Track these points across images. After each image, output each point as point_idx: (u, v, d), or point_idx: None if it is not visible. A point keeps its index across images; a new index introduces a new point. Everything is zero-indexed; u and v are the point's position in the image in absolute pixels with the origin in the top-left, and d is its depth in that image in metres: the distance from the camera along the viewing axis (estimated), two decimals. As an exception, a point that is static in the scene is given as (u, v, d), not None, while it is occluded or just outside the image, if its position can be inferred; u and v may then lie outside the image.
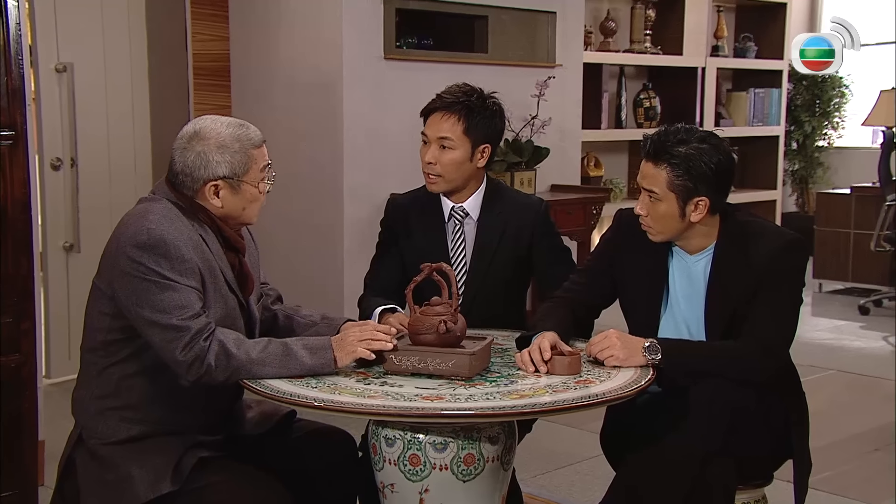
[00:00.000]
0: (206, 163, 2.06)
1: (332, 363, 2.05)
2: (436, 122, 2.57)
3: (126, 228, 2.03)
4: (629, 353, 2.16)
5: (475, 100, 2.57)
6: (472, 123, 2.55)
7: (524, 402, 1.91)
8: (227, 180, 2.08)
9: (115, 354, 2.08)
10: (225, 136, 2.08)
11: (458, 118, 2.55)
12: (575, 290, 2.42)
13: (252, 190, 2.11)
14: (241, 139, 2.09)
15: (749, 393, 2.16)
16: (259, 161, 2.11)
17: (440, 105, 2.57)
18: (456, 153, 2.56)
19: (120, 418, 2.07)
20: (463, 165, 2.58)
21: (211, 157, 2.06)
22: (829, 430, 3.83)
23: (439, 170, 2.58)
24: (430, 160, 2.58)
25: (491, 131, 2.60)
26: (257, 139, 2.12)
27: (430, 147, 2.58)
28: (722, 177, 2.23)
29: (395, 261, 2.67)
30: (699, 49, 6.43)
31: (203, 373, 1.98)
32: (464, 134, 2.55)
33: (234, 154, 2.07)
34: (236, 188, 2.09)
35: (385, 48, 4.31)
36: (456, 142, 2.55)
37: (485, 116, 2.57)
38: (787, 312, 2.24)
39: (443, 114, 2.56)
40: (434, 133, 2.57)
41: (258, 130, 2.14)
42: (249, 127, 2.13)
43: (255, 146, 2.11)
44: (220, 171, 2.07)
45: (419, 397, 1.93)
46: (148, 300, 1.97)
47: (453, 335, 2.09)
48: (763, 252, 2.23)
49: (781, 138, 7.18)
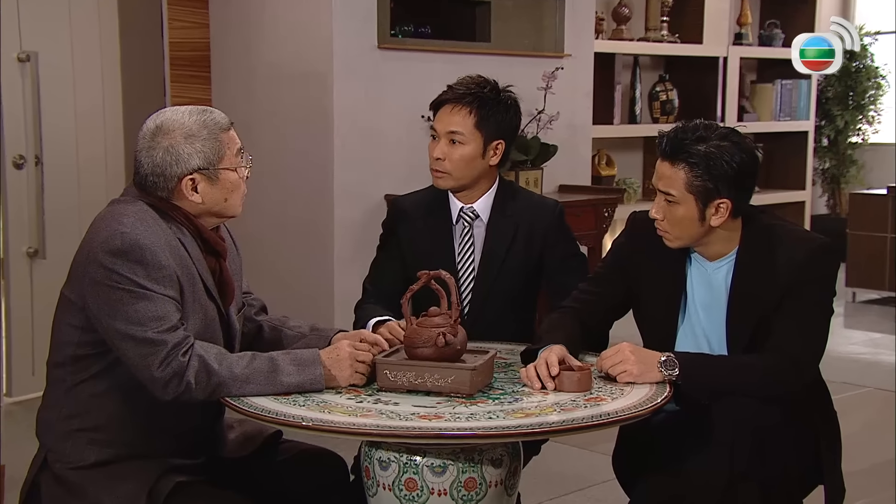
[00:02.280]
0: (176, 158, 2.07)
1: (322, 379, 2.06)
2: (446, 114, 2.60)
3: (97, 233, 2.04)
4: (644, 368, 2.17)
5: (488, 92, 2.59)
6: (485, 116, 2.57)
7: (530, 422, 1.92)
8: (204, 172, 2.09)
9: (84, 371, 2.08)
10: (190, 125, 2.09)
11: (469, 111, 2.57)
12: (585, 300, 2.43)
13: (231, 176, 2.11)
14: (207, 125, 2.10)
15: (775, 413, 2.17)
16: (231, 145, 2.12)
17: (451, 97, 2.60)
18: (466, 148, 2.58)
19: (89, 440, 2.08)
20: (473, 162, 2.60)
21: (181, 150, 2.07)
22: (864, 454, 3.84)
23: (448, 166, 2.60)
24: (438, 155, 2.60)
25: (505, 126, 2.61)
26: (224, 122, 2.13)
27: (439, 142, 2.61)
28: (745, 177, 2.24)
29: (396, 264, 2.69)
30: (721, 37, 6.45)
31: (182, 391, 1.99)
32: (475, 128, 2.57)
33: (205, 142, 2.08)
34: (214, 178, 2.10)
35: (379, 37, 4.33)
36: (467, 136, 2.57)
37: (498, 110, 2.59)
38: (817, 324, 2.25)
39: (453, 106, 2.58)
40: (444, 127, 2.59)
41: (223, 113, 2.15)
42: (213, 111, 2.14)
43: (224, 129, 2.12)
44: (194, 162, 2.08)
45: (416, 416, 1.94)
46: (121, 311, 1.98)
47: (453, 349, 2.10)
48: (790, 258, 2.24)
49: (811, 134, 7.20)
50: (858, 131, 7.92)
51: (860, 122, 7.89)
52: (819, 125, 7.63)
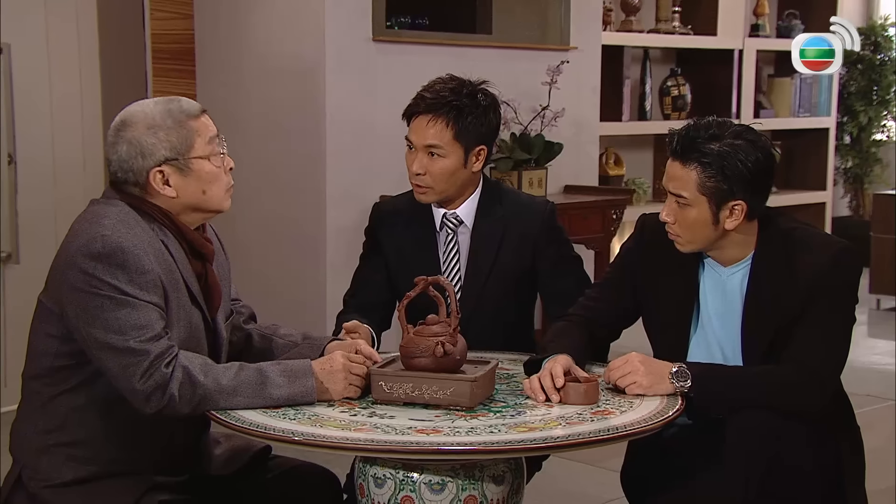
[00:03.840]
0: (140, 150, 2.08)
1: (314, 392, 2.07)
2: (420, 127, 2.57)
3: (77, 236, 2.04)
4: (654, 379, 2.18)
5: (465, 98, 2.55)
6: (463, 127, 2.54)
7: (534, 436, 1.93)
8: (172, 162, 2.09)
9: (63, 382, 2.09)
10: (154, 114, 2.09)
11: (446, 122, 2.54)
12: (591, 308, 2.44)
13: (205, 166, 2.11)
14: (173, 113, 2.10)
15: (794, 427, 2.18)
16: (203, 132, 2.12)
17: (424, 108, 2.56)
18: (447, 161, 2.56)
19: (67, 456, 2.08)
20: (456, 174, 2.58)
21: (144, 141, 2.08)
22: (889, 471, 3.84)
23: (429, 180, 2.58)
24: (417, 170, 2.58)
25: (485, 130, 2.59)
26: (193, 109, 2.13)
27: (416, 154, 2.58)
28: (760, 177, 2.25)
29: (378, 275, 2.69)
30: (736, 28, 6.47)
31: (165, 404, 1.99)
32: (454, 139, 2.55)
33: (170, 130, 2.09)
34: (185, 169, 2.10)
35: (374, 28, 4.34)
36: (446, 149, 2.55)
37: (477, 115, 2.56)
38: (838, 333, 2.26)
39: (428, 118, 2.55)
40: (420, 140, 2.57)
41: (194, 102, 2.15)
42: (181, 99, 2.14)
43: (192, 117, 2.12)
44: (160, 153, 2.08)
45: (413, 430, 1.94)
46: (101, 319, 1.99)
47: (452, 359, 2.11)
48: (809, 263, 2.25)
49: (832, 131, 7.21)
50: (883, 128, 7.93)
51: (884, 118, 7.89)
52: (841, 121, 7.64)
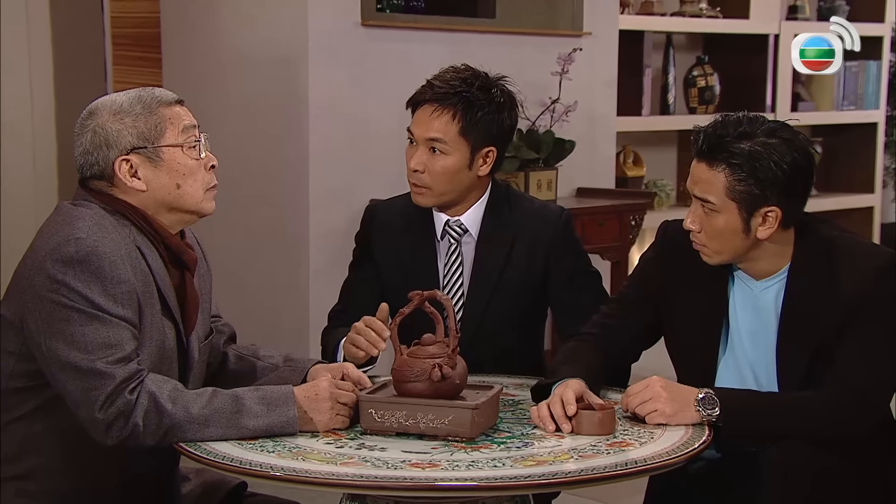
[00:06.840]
0: (105, 138, 2.10)
1: (296, 422, 2.07)
2: (424, 118, 2.58)
3: (47, 239, 2.05)
4: (678, 406, 2.18)
5: (477, 90, 2.57)
6: (472, 122, 2.56)
7: (542, 471, 1.93)
8: (140, 151, 2.11)
9: (17, 407, 2.10)
10: (122, 102, 2.13)
11: (452, 115, 2.56)
12: (607, 326, 2.45)
13: (178, 156, 2.13)
14: (143, 100, 2.13)
15: (837, 454, 2.19)
16: (176, 120, 2.14)
17: (430, 96, 2.58)
18: (449, 159, 2.58)
19: (17, 491, 2.09)
20: (458, 175, 2.60)
21: (109, 128, 2.10)
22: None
23: (427, 179, 2.59)
24: (416, 167, 2.59)
25: (497, 130, 2.61)
26: (166, 97, 2.16)
27: (417, 149, 2.60)
28: (797, 180, 2.27)
29: (370, 287, 2.70)
30: (771, 11, 6.48)
31: (128, 434, 1.99)
32: (460, 135, 2.57)
33: (138, 117, 2.11)
34: (154, 158, 2.12)
35: (363, 12, 4.35)
36: (450, 145, 2.57)
37: (489, 111, 2.58)
38: (886, 353, 2.27)
39: (434, 108, 2.57)
40: (422, 132, 2.59)
41: (171, 92, 2.18)
42: (156, 89, 2.17)
43: (165, 104, 2.14)
44: (125, 140, 2.10)
45: (406, 464, 1.95)
46: (66, 332, 1.99)
47: (451, 383, 2.11)
48: (853, 276, 2.26)
49: (881, 126, 7.20)
50: (938, 122, 7.93)
51: (940, 112, 7.90)
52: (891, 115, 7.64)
